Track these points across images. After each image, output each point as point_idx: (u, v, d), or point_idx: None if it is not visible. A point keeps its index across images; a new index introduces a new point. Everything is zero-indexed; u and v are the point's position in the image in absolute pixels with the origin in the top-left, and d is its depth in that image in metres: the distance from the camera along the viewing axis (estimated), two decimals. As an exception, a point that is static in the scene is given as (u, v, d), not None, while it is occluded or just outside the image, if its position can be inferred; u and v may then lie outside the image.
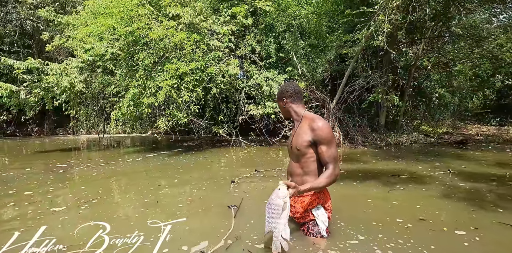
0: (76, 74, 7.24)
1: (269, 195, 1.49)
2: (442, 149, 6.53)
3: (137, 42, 6.00)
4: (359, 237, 1.81)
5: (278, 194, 1.42)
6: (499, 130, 10.71)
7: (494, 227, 2.03)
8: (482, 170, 4.08)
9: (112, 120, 6.57)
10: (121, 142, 10.23)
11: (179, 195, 2.90)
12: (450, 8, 6.79)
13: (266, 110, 6.48)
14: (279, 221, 1.42)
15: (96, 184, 3.44)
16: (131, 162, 5.23)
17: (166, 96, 5.70)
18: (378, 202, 2.60)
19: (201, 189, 3.15)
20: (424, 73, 10.69)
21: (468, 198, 2.73)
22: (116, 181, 3.65)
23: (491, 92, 14.33)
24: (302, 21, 7.89)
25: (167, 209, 2.46)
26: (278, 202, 1.41)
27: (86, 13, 8.00)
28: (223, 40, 6.55)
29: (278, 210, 1.41)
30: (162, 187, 3.27)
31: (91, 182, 3.60)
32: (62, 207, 2.53)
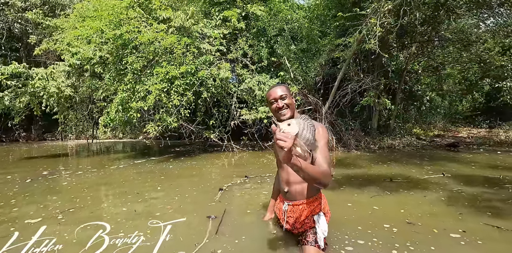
0: (63, 79, 7.07)
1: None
2: (435, 152, 6.54)
3: (126, 45, 5.88)
4: (359, 242, 1.80)
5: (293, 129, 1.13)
6: (490, 133, 10.86)
7: (480, 228, 2.05)
8: (475, 173, 4.06)
9: (100, 126, 6.39)
10: (111, 147, 10.00)
11: (160, 203, 2.76)
12: (439, 13, 6.87)
13: (258, 115, 6.40)
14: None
15: (71, 193, 3.26)
16: (114, 169, 5.03)
17: (155, 100, 5.57)
18: (370, 207, 2.53)
19: (185, 197, 3.00)
20: (414, 77, 10.80)
21: (463, 201, 2.69)
22: (92, 191, 3.43)
23: (480, 95, 14.60)
24: (294, 25, 7.90)
25: (142, 218, 2.32)
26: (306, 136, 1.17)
27: (74, 16, 7.86)
28: (214, 43, 6.48)
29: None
30: (141, 195, 3.12)
31: (65, 191, 3.40)
32: (38, 218, 2.38)
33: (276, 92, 1.59)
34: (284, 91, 1.60)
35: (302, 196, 1.63)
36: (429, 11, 6.89)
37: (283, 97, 1.57)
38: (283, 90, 1.60)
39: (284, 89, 1.61)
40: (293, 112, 1.62)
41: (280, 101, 1.58)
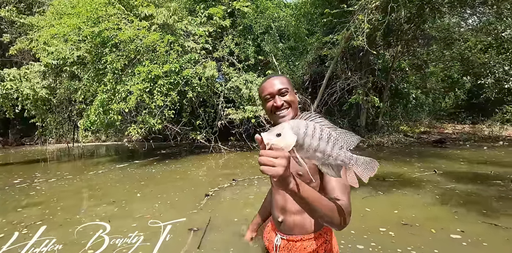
0: (38, 79, 6.67)
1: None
2: (423, 149, 6.57)
3: (105, 43, 5.59)
4: (358, 247, 1.72)
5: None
6: (473, 128, 11.12)
7: (479, 227, 2.01)
8: (465, 170, 4.05)
9: (80, 129, 6.06)
10: (94, 151, 9.58)
11: (137, 212, 2.55)
12: (424, 11, 6.93)
13: (246, 114, 6.23)
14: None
15: (39, 204, 2.99)
16: (92, 175, 4.72)
17: (137, 101, 5.31)
18: (362, 209, 2.42)
19: (166, 203, 2.80)
20: (400, 75, 10.93)
21: (457, 199, 2.62)
22: (64, 200, 3.15)
23: (462, 92, 14.99)
24: (281, 23, 7.79)
25: (119, 228, 2.13)
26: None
27: (51, 13, 7.45)
28: (199, 41, 6.27)
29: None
30: (118, 203, 2.89)
31: (33, 202, 3.10)
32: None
33: (273, 85, 1.11)
34: (284, 83, 1.12)
35: (302, 230, 1.13)
36: (414, 9, 6.93)
37: (283, 92, 1.10)
38: (282, 82, 1.11)
39: (284, 80, 1.13)
40: (296, 113, 1.12)
41: (279, 98, 1.09)
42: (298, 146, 0.67)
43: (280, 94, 1.10)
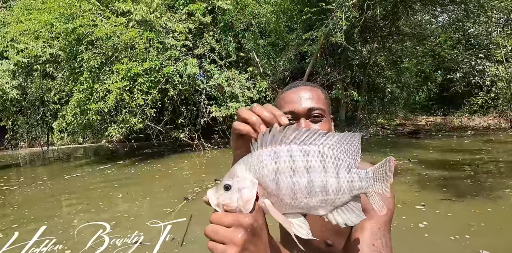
0: (7, 79, 6.31)
1: None
2: (399, 140, 6.92)
3: (81, 41, 5.37)
4: None
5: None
6: (444, 120, 11.80)
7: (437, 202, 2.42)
8: (437, 157, 4.33)
9: (55, 131, 5.81)
10: (71, 154, 9.21)
11: (110, 217, 2.42)
12: (398, 9, 7.23)
13: (229, 111, 6.25)
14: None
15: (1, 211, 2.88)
16: (66, 179, 4.51)
17: (117, 100, 5.17)
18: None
19: (140, 209, 2.68)
20: (377, 70, 11.35)
21: (424, 182, 2.84)
22: (32, 206, 3.00)
23: (434, 86, 15.82)
24: (261, 20, 7.82)
25: (81, 236, 2.00)
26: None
27: (19, 9, 7.03)
28: (180, 38, 6.18)
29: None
30: (89, 207, 2.81)
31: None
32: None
33: (301, 99, 0.69)
34: (319, 100, 0.70)
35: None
36: (389, 7, 7.22)
37: (316, 115, 0.68)
38: (317, 98, 0.70)
39: (321, 95, 0.72)
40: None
41: (305, 122, 0.67)
42: (272, 196, 0.38)
43: (310, 116, 0.68)
